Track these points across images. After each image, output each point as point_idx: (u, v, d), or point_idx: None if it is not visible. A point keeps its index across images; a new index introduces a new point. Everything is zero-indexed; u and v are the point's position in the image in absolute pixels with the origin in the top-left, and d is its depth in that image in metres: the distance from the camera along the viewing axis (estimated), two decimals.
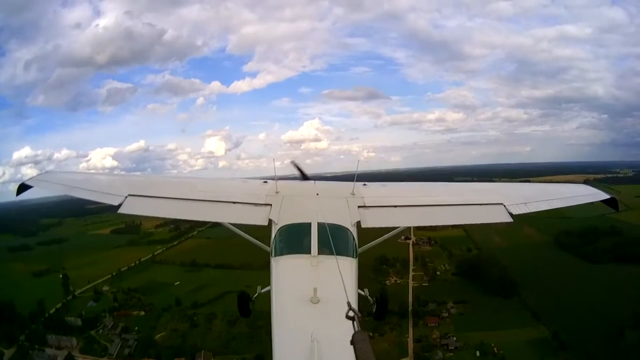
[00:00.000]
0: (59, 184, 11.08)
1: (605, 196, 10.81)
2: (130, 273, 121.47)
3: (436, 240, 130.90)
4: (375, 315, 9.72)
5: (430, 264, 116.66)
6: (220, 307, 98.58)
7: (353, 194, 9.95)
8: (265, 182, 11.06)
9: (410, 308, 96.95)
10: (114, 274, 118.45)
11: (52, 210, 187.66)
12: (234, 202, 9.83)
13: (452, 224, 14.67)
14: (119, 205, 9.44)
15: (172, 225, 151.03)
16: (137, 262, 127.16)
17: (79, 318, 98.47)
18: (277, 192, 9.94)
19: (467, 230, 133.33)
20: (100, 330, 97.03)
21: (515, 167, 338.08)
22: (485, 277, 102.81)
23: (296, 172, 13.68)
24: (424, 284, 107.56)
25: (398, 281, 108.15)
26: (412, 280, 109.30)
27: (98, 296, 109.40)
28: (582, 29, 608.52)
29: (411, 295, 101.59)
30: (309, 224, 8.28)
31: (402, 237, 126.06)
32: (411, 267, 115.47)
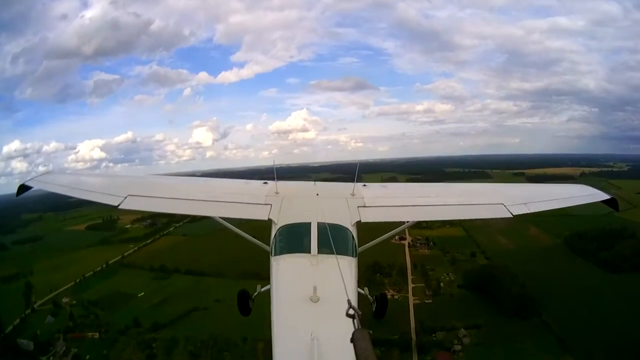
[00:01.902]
0: (58, 184, 10.12)
1: (605, 196, 10.13)
2: (95, 280, 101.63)
3: (434, 241, 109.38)
4: (375, 313, 9.19)
5: (431, 272, 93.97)
6: (184, 329, 78.46)
7: (353, 195, 9.46)
8: (266, 183, 10.48)
9: (414, 338, 73.83)
10: (78, 280, 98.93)
11: (36, 205, 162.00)
12: (234, 202, 9.26)
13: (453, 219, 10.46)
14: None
15: (149, 221, 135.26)
16: (104, 265, 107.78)
17: (31, 341, 79.77)
18: (277, 193, 9.42)
19: (468, 229, 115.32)
20: (51, 358, 77.18)
21: (507, 158, 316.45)
22: (498, 291, 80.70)
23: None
24: (426, 301, 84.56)
25: (396, 296, 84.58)
26: (412, 295, 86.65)
27: (57, 310, 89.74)
28: (575, 21, 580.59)
29: (413, 319, 78.22)
30: (309, 224, 7.82)
31: (397, 236, 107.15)
32: (410, 278, 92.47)
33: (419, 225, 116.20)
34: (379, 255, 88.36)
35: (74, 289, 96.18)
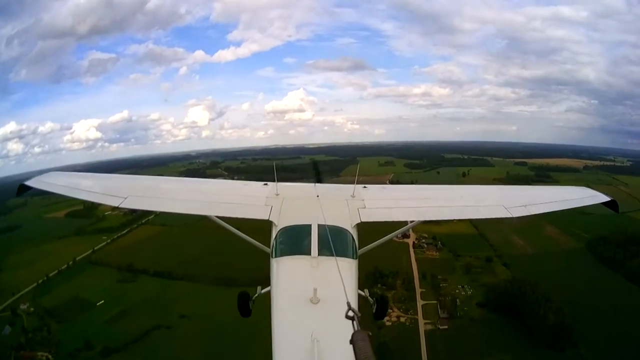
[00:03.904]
0: (59, 185, 9.13)
1: (606, 198, 9.22)
2: (59, 279, 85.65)
3: (442, 241, 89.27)
4: (375, 315, 8.34)
5: (443, 284, 73.37)
6: (139, 356, 60.35)
7: (353, 196, 8.68)
8: (266, 184, 9.59)
9: None
10: (41, 281, 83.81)
11: None
12: (234, 203, 8.56)
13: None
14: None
15: None
16: (71, 262, 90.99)
17: None
18: (277, 194, 8.63)
19: (478, 226, 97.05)
20: None
21: (505, 145, 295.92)
22: (527, 316, 61.22)
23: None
24: (441, 327, 63.49)
25: (403, 318, 64.75)
26: (423, 318, 65.39)
27: (15, 319, 74.50)
28: (578, 12, 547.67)
29: (427, 358, 57.20)
30: (309, 226, 7.17)
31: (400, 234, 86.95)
32: (418, 292, 71.65)
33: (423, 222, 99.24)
34: (379, 258, 68.89)
35: (36, 291, 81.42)
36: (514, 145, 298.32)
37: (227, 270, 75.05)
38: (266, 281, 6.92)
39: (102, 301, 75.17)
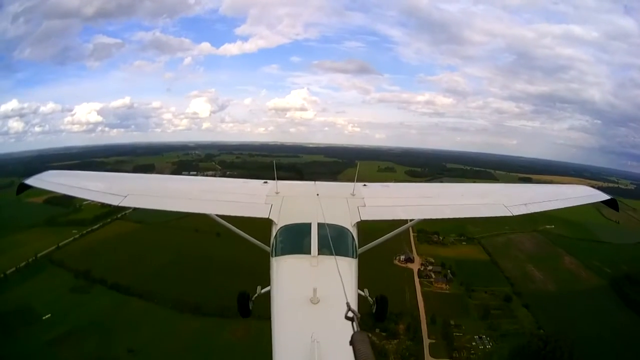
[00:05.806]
0: (59, 184, 8.43)
1: (606, 197, 8.44)
2: (15, 279, 72.30)
3: (452, 269, 74.30)
4: (375, 316, 7.59)
5: (457, 332, 57.25)
6: None
7: (353, 195, 8.03)
8: (266, 182, 8.91)
9: None
10: None
11: (17, 167, 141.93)
12: (234, 202, 7.90)
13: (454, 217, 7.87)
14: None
15: None
16: (31, 259, 78.26)
17: None
18: (277, 193, 8.00)
19: (492, 254, 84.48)
20: None
21: (506, 159, 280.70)
22: None
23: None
24: None
25: None
26: None
27: None
28: (589, 32, 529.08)
29: None
30: (309, 224, 6.68)
31: (402, 257, 77.37)
32: (427, 345, 54.34)
33: (428, 239, 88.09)
34: (378, 290, 51.55)
35: None
36: (515, 160, 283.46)
37: (192, 290, 62.81)
38: (265, 281, 6.33)
39: (49, 315, 61.32)
